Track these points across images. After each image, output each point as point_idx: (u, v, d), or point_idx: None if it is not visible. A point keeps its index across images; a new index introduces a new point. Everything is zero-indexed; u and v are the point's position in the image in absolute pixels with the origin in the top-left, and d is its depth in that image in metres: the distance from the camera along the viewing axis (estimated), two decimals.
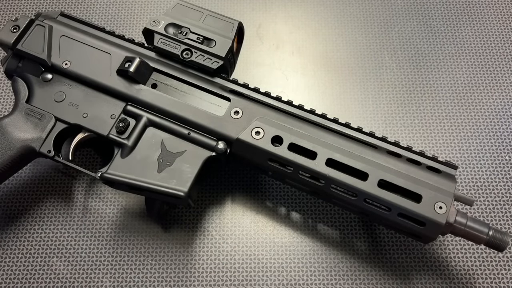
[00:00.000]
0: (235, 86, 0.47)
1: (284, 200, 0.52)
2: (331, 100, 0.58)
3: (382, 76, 0.60)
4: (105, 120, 0.46)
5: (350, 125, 0.45)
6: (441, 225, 0.40)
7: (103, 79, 0.47)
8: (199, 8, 0.48)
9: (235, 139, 0.44)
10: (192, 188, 0.43)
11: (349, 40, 0.62)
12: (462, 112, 0.57)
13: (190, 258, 0.49)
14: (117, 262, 0.49)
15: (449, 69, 0.60)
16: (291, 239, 0.50)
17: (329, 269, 0.48)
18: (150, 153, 0.44)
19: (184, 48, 0.47)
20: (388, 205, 0.41)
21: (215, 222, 0.51)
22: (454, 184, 0.42)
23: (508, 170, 0.54)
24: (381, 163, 0.42)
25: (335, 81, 0.59)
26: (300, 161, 0.43)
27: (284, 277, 0.48)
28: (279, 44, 0.62)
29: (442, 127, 0.56)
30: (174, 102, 0.45)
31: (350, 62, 0.61)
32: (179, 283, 0.48)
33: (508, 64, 0.60)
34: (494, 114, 0.57)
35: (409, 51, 0.61)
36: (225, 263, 0.49)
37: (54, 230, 0.50)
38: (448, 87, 0.59)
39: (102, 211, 0.51)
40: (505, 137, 0.56)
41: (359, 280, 0.48)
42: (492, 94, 0.58)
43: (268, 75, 0.60)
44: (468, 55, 0.61)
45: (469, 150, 0.55)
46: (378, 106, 0.58)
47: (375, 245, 0.50)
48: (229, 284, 0.48)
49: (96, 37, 0.49)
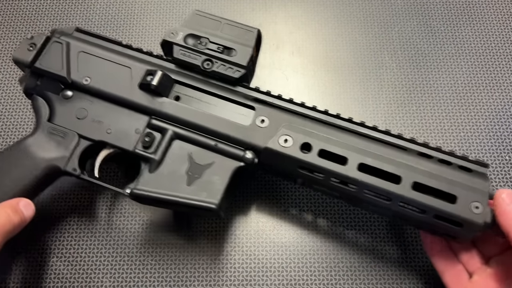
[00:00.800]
0: (258, 94, 0.46)
1: (284, 200, 0.52)
2: (331, 100, 0.58)
3: (382, 76, 0.60)
4: (130, 135, 0.45)
5: (378, 128, 0.44)
6: (479, 225, 0.39)
7: (125, 93, 0.46)
8: (216, 17, 0.48)
9: (263, 148, 0.43)
10: (223, 200, 0.42)
11: (349, 40, 0.62)
12: (462, 112, 0.57)
13: (190, 258, 0.49)
14: (117, 262, 0.49)
15: (449, 69, 0.60)
16: (291, 239, 0.50)
17: (329, 269, 0.48)
18: (178, 167, 0.43)
19: (205, 58, 0.46)
20: (423, 207, 0.40)
21: (213, 220, 0.51)
22: (488, 183, 0.41)
23: (508, 170, 0.54)
24: (413, 165, 0.42)
25: (335, 81, 0.59)
26: (331, 168, 0.42)
27: (284, 277, 0.48)
28: (279, 44, 0.62)
29: (442, 127, 0.56)
30: (199, 113, 0.45)
31: (350, 62, 0.61)
32: (179, 283, 0.48)
33: (508, 64, 0.60)
34: (494, 114, 0.57)
35: (409, 51, 0.61)
36: (225, 263, 0.49)
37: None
38: (448, 87, 0.59)
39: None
40: (505, 137, 0.56)
41: (359, 280, 0.48)
42: (492, 94, 0.58)
43: (268, 75, 0.60)
44: (468, 55, 0.61)
45: (469, 150, 0.55)
46: (378, 106, 0.58)
47: (375, 245, 0.50)
48: (229, 284, 0.48)
49: (114, 51, 0.48)
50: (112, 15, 0.64)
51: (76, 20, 0.63)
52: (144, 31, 0.63)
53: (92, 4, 0.65)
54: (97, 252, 0.49)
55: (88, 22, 0.63)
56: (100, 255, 0.49)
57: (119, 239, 0.50)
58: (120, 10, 0.64)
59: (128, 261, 0.49)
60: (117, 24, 0.63)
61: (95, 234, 0.50)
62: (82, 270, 0.48)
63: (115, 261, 0.49)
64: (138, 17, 0.64)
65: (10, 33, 0.62)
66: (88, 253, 0.49)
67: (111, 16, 0.64)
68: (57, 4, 0.64)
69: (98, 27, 0.63)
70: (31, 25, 0.63)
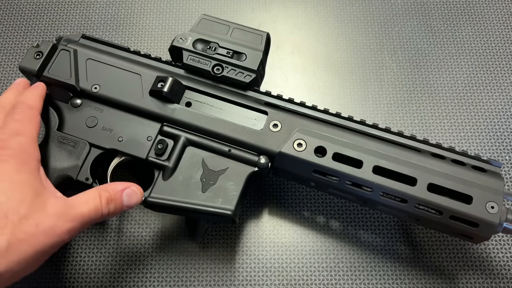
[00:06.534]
0: (270, 98, 0.46)
1: (283, 200, 0.52)
2: (331, 100, 0.58)
3: (382, 76, 0.60)
4: (142, 143, 0.45)
5: (391, 130, 0.44)
6: (495, 225, 0.39)
7: (136, 101, 0.45)
8: (225, 21, 0.48)
9: (277, 153, 0.43)
10: (238, 206, 0.42)
11: (349, 40, 0.62)
12: (462, 112, 0.57)
13: (190, 259, 0.49)
14: (117, 262, 0.49)
15: (449, 69, 0.60)
16: (291, 239, 0.50)
17: (329, 269, 0.48)
18: (193, 173, 0.43)
19: (215, 63, 0.46)
20: (440, 208, 0.40)
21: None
22: (503, 182, 0.41)
23: (508, 170, 0.54)
24: (427, 167, 0.41)
25: (335, 81, 0.59)
26: (346, 171, 0.42)
27: (284, 277, 0.48)
28: (279, 44, 0.62)
29: (442, 127, 0.56)
30: (211, 119, 0.44)
31: (350, 62, 0.61)
32: (179, 283, 0.48)
33: (508, 64, 0.60)
34: (494, 114, 0.57)
35: (409, 51, 0.61)
36: (225, 263, 0.49)
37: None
38: (448, 87, 0.59)
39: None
40: (505, 137, 0.56)
41: (359, 280, 0.48)
42: (492, 94, 0.58)
43: (268, 75, 0.59)
44: (468, 55, 0.61)
45: (469, 150, 0.55)
46: (378, 106, 0.58)
47: (375, 245, 0.50)
48: (229, 284, 0.48)
49: (122, 58, 0.48)
50: (112, 15, 0.64)
51: (76, 20, 0.63)
52: (144, 31, 0.63)
53: (92, 4, 0.65)
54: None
55: (88, 22, 0.63)
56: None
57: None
58: (120, 10, 0.64)
59: (128, 261, 0.49)
60: (117, 24, 0.63)
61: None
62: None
63: (115, 261, 0.49)
64: (138, 17, 0.64)
65: (10, 33, 0.62)
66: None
67: (111, 16, 0.64)
68: (57, 4, 0.64)
69: (98, 26, 0.63)
70: (31, 25, 0.63)
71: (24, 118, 0.40)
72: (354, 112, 0.57)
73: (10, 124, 0.39)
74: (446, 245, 0.49)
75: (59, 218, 0.34)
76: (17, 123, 0.39)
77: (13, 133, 0.38)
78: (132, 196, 0.40)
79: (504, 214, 0.40)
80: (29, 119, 0.40)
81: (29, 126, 0.39)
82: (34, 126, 0.40)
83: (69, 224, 0.35)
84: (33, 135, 0.39)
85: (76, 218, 0.35)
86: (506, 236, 0.50)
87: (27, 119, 0.40)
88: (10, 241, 0.31)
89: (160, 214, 0.50)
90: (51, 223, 0.34)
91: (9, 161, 0.35)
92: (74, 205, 0.36)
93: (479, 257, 0.49)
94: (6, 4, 0.64)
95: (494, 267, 0.48)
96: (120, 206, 0.39)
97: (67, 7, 0.64)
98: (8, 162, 0.35)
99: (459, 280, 0.48)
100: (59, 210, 0.35)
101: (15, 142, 0.37)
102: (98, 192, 0.38)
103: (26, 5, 0.64)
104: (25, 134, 0.38)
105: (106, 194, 0.38)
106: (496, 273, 0.48)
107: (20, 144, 0.37)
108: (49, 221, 0.33)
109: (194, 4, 0.65)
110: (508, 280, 0.48)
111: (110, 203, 0.38)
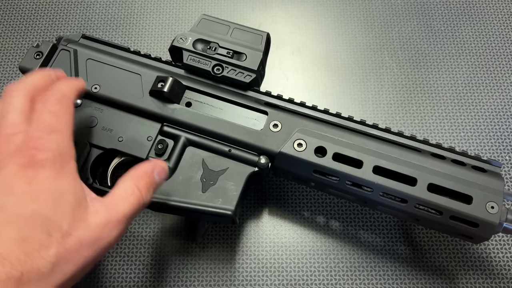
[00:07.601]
0: (270, 98, 0.46)
1: (283, 200, 0.52)
2: (331, 100, 0.58)
3: (382, 76, 0.60)
4: (142, 143, 0.45)
5: (391, 130, 0.44)
6: (495, 225, 0.40)
7: (136, 101, 0.45)
8: (225, 21, 0.48)
9: (277, 153, 0.43)
10: (238, 206, 0.42)
11: (349, 40, 0.62)
12: (462, 112, 0.57)
13: (190, 259, 0.49)
14: (116, 262, 0.49)
15: (449, 69, 0.60)
16: (291, 239, 0.50)
17: (329, 269, 0.48)
18: (193, 173, 0.43)
19: (215, 63, 0.46)
20: (440, 208, 0.40)
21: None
22: (503, 182, 0.41)
23: (508, 170, 0.54)
24: (427, 167, 0.41)
25: (335, 81, 0.59)
26: (346, 171, 0.42)
27: (284, 277, 0.48)
28: (279, 44, 0.62)
29: (442, 127, 0.56)
30: (211, 119, 0.44)
31: (350, 62, 0.61)
32: (179, 283, 0.48)
33: (508, 64, 0.60)
34: (494, 114, 0.57)
35: (409, 51, 0.61)
36: (225, 263, 0.49)
37: None
38: (448, 87, 0.59)
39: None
40: (505, 137, 0.56)
41: (359, 280, 0.48)
42: (492, 94, 0.58)
43: (268, 75, 0.59)
44: (468, 55, 0.61)
45: (469, 150, 0.55)
46: (378, 106, 0.58)
47: (375, 245, 0.50)
48: (229, 284, 0.48)
49: (122, 58, 0.48)
50: (112, 15, 0.64)
51: (76, 20, 0.63)
52: (144, 31, 0.63)
53: (92, 4, 0.65)
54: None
55: (88, 22, 0.63)
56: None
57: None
58: (120, 10, 0.64)
59: (128, 261, 0.49)
60: (117, 24, 0.63)
61: None
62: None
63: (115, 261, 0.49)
64: (138, 17, 0.64)
65: (10, 33, 0.62)
66: None
67: (111, 16, 0.64)
68: (57, 4, 0.64)
69: (98, 26, 0.63)
70: (31, 25, 0.63)
71: (60, 110, 0.34)
72: (354, 112, 0.57)
73: (44, 117, 0.33)
74: (446, 245, 0.49)
75: (103, 228, 0.32)
76: (52, 116, 0.33)
77: (48, 129, 0.32)
78: (161, 173, 0.38)
79: (504, 214, 0.40)
80: (65, 112, 0.34)
81: (66, 120, 0.34)
82: (70, 121, 0.35)
83: (114, 232, 0.32)
84: (69, 132, 0.34)
85: (120, 222, 0.33)
86: (506, 236, 0.50)
87: (64, 111, 0.34)
88: (54, 263, 0.29)
89: (160, 214, 0.50)
90: (95, 235, 0.31)
91: (47, 166, 0.31)
92: (115, 206, 0.33)
93: (479, 257, 0.49)
94: (6, 4, 0.64)
95: (494, 267, 0.48)
96: (156, 188, 0.37)
97: (67, 7, 0.64)
98: (46, 167, 0.31)
99: (459, 280, 0.48)
100: (101, 219, 0.32)
101: (52, 142, 0.32)
102: (133, 183, 0.35)
103: (26, 5, 0.64)
104: (62, 131, 0.33)
105: (142, 182, 0.35)
106: (496, 273, 0.48)
107: (58, 144, 0.32)
108: (93, 234, 0.31)
109: (194, 4, 0.65)
110: (508, 280, 0.48)
111: (150, 188, 0.36)
